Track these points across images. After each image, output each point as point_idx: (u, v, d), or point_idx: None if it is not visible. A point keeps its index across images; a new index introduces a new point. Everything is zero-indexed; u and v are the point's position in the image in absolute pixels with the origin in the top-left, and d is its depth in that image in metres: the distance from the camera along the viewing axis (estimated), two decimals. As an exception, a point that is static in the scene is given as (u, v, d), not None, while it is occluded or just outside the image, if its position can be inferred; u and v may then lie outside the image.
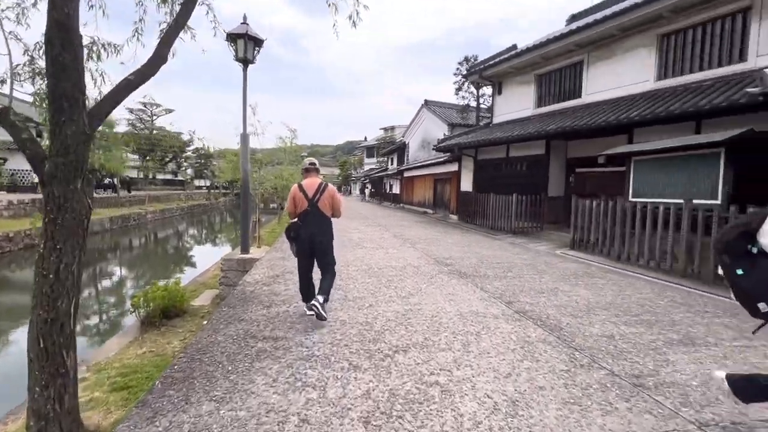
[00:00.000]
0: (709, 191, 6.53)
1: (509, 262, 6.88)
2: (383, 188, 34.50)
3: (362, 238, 9.51)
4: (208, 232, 27.17)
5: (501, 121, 14.51)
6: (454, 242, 9.25)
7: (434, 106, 22.47)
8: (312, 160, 4.11)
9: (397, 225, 13.29)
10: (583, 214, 8.49)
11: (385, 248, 8.04)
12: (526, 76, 13.45)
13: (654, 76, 9.64)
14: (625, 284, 5.39)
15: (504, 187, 13.47)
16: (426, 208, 20.47)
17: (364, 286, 4.99)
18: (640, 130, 9.19)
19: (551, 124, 10.75)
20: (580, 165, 11.71)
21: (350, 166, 66.75)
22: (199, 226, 29.74)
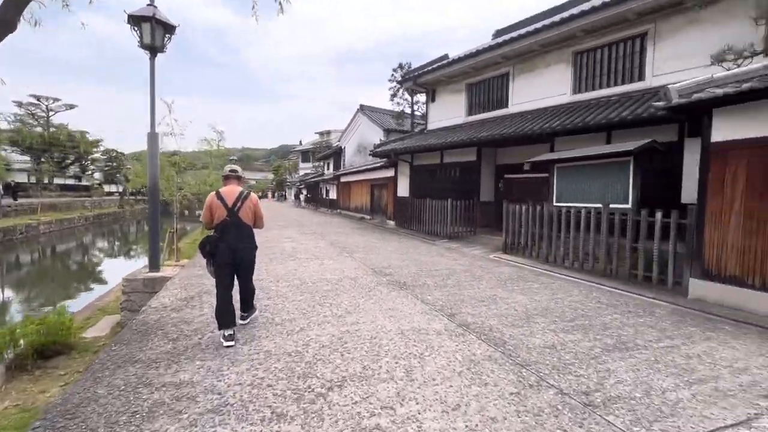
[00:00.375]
0: (622, 196, 7.10)
1: (447, 268, 6.80)
2: (320, 194, 33.61)
3: (296, 249, 8.86)
4: (119, 245, 23.95)
5: (435, 128, 14.80)
6: (393, 249, 9.03)
7: (370, 111, 22.39)
8: (233, 167, 3.85)
9: (333, 232, 12.78)
10: (514, 219, 8.81)
11: (320, 259, 7.52)
12: (458, 85, 13.88)
13: (570, 89, 10.44)
14: (556, 287, 5.55)
15: (439, 192, 13.71)
16: (363, 213, 20.21)
17: (295, 305, 4.46)
18: (560, 139, 9.86)
19: (482, 131, 11.13)
20: (509, 171, 12.31)
21: (285, 171, 64.38)
22: (109, 238, 26.16)
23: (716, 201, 4.88)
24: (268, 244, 9.44)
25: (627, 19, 9.05)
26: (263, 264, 6.88)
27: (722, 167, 4.82)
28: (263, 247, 9.07)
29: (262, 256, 7.67)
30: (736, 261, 4.67)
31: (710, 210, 4.93)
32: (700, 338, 3.59)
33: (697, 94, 4.75)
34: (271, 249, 8.71)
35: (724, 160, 4.81)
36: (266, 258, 7.49)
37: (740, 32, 7.25)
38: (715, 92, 4.55)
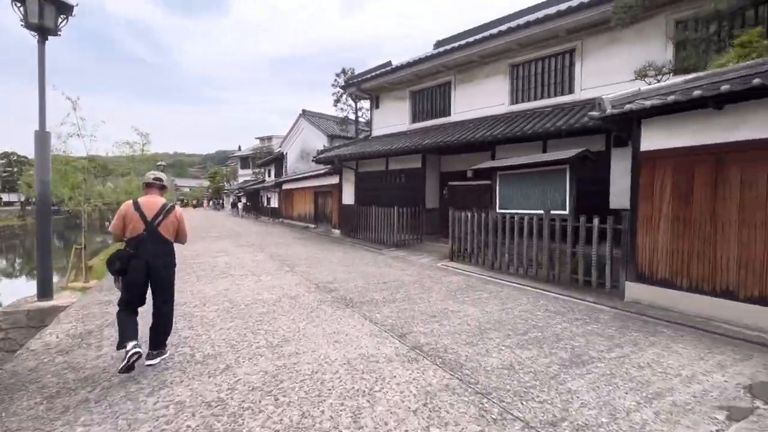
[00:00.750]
0: (560, 203, 7.35)
1: (396, 280, 6.49)
2: (260, 202, 31.90)
3: (230, 264, 8.00)
4: (12, 265, 20.46)
5: (380, 135, 14.62)
6: (338, 261, 8.54)
7: (312, 117, 21.71)
8: (157, 175, 3.47)
9: (274, 243, 11.94)
10: (460, 226, 8.80)
11: (257, 275, 6.81)
12: (402, 92, 13.85)
13: (508, 100, 10.83)
14: (504, 296, 5.48)
15: (385, 199, 13.49)
16: (307, 222, 19.39)
17: (222, 334, 3.81)
18: (501, 148, 10.13)
19: (426, 139, 11.12)
20: (452, 178, 12.45)
21: (223, 178, 60.57)
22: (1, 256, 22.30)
23: (647, 206, 5.12)
24: (198, 259, 8.44)
25: (558, 36, 9.58)
26: (188, 284, 6.02)
27: (651, 174, 5.08)
28: (192, 263, 8.11)
29: (188, 274, 6.78)
30: (666, 264, 4.92)
31: (642, 215, 5.17)
32: (645, 344, 3.62)
33: (629, 104, 4.97)
34: (200, 265, 7.76)
35: (653, 167, 5.07)
36: (193, 276, 6.61)
37: (655, 51, 7.95)
38: (643, 104, 4.77)
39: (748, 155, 4.23)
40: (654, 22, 8.10)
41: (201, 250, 10.00)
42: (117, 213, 3.18)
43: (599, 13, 8.56)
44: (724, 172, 4.41)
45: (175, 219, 3.31)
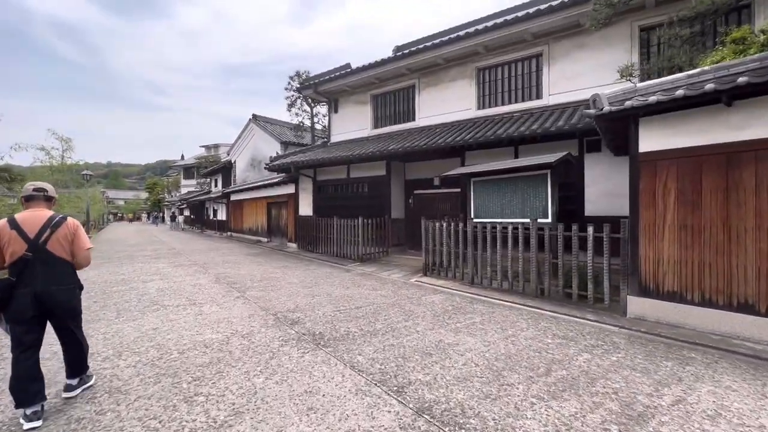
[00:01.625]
0: (541, 210, 6.86)
1: (371, 303, 5.54)
2: (206, 214, 29.33)
3: (164, 290, 6.55)
4: None
5: (339, 141, 13.67)
6: (299, 281, 7.40)
7: (264, 122, 20.24)
8: (39, 185, 2.89)
9: (221, 262, 10.43)
10: (433, 238, 8.06)
11: (199, 304, 5.50)
12: (363, 96, 13.06)
13: (475, 105, 10.42)
14: (499, 318, 4.75)
15: (347, 209, 12.50)
16: (260, 236, 17.78)
17: (139, 410, 2.61)
18: (471, 154, 9.64)
19: (391, 144, 10.37)
20: (418, 187, 11.81)
21: (163, 189, 55.73)
22: None
23: (649, 213, 4.67)
24: (123, 286, 6.86)
25: (524, 40, 9.34)
26: (103, 323, 4.61)
27: (652, 178, 4.65)
28: (113, 291, 6.54)
29: (105, 307, 5.31)
30: (673, 276, 4.46)
31: (644, 223, 4.71)
32: (689, 378, 3.01)
33: (628, 101, 4.52)
34: (124, 294, 6.25)
35: (653, 170, 4.64)
36: (112, 311, 5.16)
37: (619, 57, 7.89)
38: (646, 99, 4.33)
39: (762, 154, 3.88)
40: (619, 29, 8.07)
41: (129, 274, 8.32)
42: None
43: (564, 18, 8.41)
44: (736, 173, 4.04)
45: (68, 231, 2.76)
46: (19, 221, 2.64)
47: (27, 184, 2.85)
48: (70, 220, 2.84)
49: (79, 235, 2.86)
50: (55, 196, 2.94)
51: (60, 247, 2.72)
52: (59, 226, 2.73)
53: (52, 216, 2.74)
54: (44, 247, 2.65)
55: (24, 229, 2.62)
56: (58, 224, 2.73)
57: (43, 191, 2.83)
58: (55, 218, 2.74)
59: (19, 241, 2.59)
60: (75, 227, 2.85)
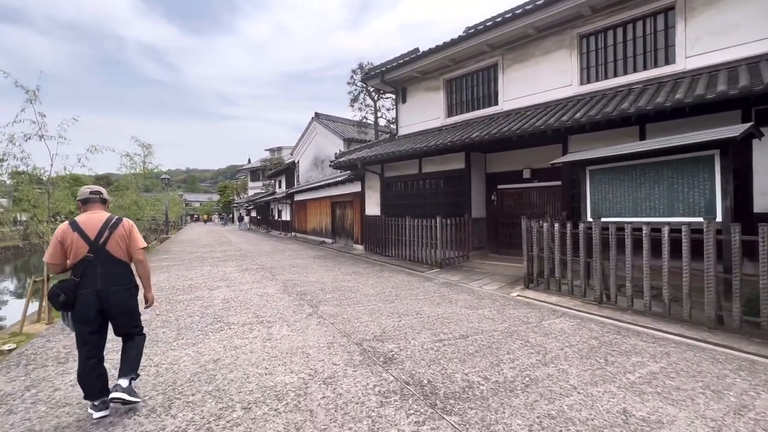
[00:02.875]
0: (703, 206, 5.02)
1: (476, 329, 4.23)
2: (271, 215, 30.02)
3: (230, 302, 5.83)
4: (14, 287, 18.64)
5: (408, 133, 12.47)
6: (376, 293, 6.30)
7: (327, 120, 19.77)
8: (95, 188, 2.92)
9: (289, 266, 9.76)
10: (538, 241, 6.51)
11: (267, 324, 4.61)
12: (435, 82, 11.73)
13: (576, 79, 8.58)
14: (686, 366, 3.18)
15: (418, 208, 11.28)
16: (324, 237, 17.26)
17: None
18: (576, 138, 7.88)
19: (472, 131, 8.91)
20: (503, 181, 10.20)
21: (233, 192, 59.25)
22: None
23: None
24: (189, 294, 6.29)
25: (650, -12, 7.38)
26: (160, 346, 3.86)
27: None
28: (179, 301, 5.82)
29: (167, 324, 4.60)
30: None
31: None
32: None
33: None
34: (189, 305, 5.60)
35: None
36: (172, 329, 4.44)
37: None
38: None
39: None
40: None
41: (196, 279, 7.87)
42: (52, 239, 2.68)
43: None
44: None
45: (124, 232, 2.81)
46: (80, 223, 2.70)
47: (83, 188, 2.92)
48: (125, 221, 2.88)
49: (134, 234, 2.88)
50: (108, 198, 3.00)
51: (118, 247, 2.76)
52: (117, 227, 2.78)
53: (109, 217, 2.80)
54: (104, 248, 2.70)
55: (85, 230, 2.68)
56: (115, 225, 2.78)
57: (98, 194, 2.91)
58: (113, 219, 2.79)
59: (81, 243, 2.65)
60: (130, 228, 2.88)
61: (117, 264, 2.75)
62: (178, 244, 17.55)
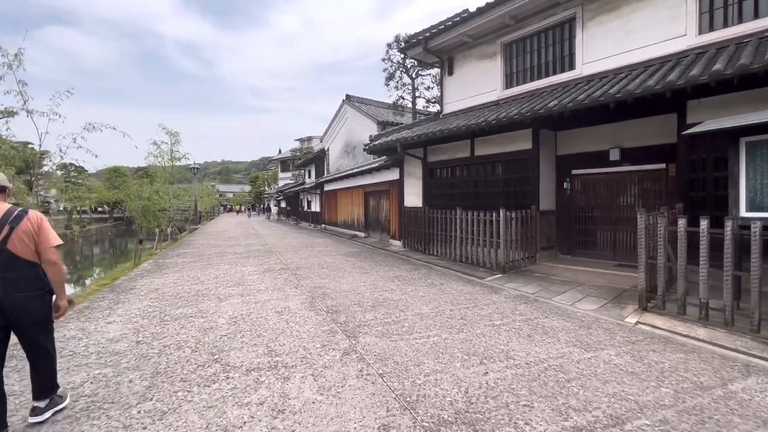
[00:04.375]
0: None
1: (620, 394, 2.53)
2: (300, 206, 29.02)
3: (239, 320, 4.38)
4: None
5: (455, 110, 10.61)
6: (433, 311, 4.66)
7: (359, 103, 18.15)
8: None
9: (317, 266, 8.29)
10: (663, 243, 4.59)
11: (285, 370, 3.09)
12: (489, 47, 9.77)
13: (694, 27, 6.43)
14: None
15: (468, 199, 9.47)
16: (356, 230, 15.79)
17: None
18: (704, 104, 5.80)
19: (549, 100, 6.97)
20: (579, 164, 8.19)
21: (263, 183, 59.26)
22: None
23: None
24: (190, 308, 4.89)
25: None
26: (106, 414, 2.39)
27: None
28: (170, 322, 4.14)
29: (143, 360, 3.09)
30: None
31: None
32: None
33: None
34: (182, 330, 4.19)
35: None
36: (145, 372, 3.00)
37: None
38: None
39: None
40: None
41: (207, 284, 6.54)
42: None
43: None
44: None
45: (31, 227, 2.34)
46: None
47: None
48: (32, 214, 2.41)
49: (44, 230, 2.41)
50: (9, 186, 2.52)
51: (23, 245, 2.32)
52: (20, 221, 2.33)
53: (9, 209, 2.35)
54: (4, 246, 2.27)
55: None
56: (18, 219, 2.33)
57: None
58: (14, 212, 2.35)
59: None
60: (39, 221, 2.40)
61: (23, 266, 2.32)
62: (203, 236, 16.68)
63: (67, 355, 3.41)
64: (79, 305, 5.23)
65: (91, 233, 38.62)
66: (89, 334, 3.95)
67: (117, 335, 3.91)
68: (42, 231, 2.38)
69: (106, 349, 3.54)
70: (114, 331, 4.05)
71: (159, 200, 13.32)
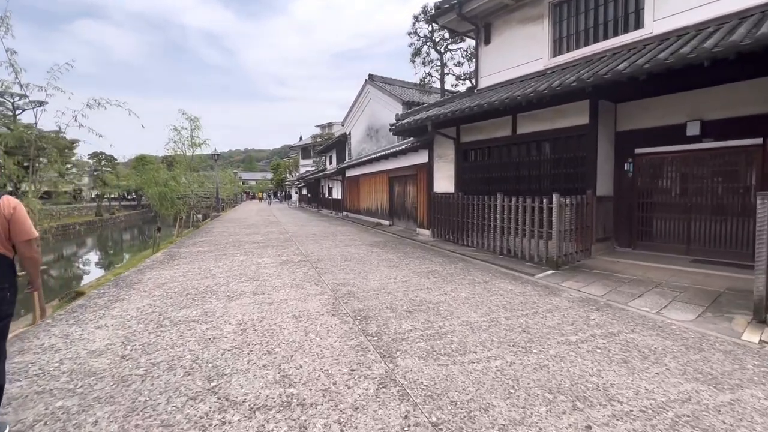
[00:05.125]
0: None
1: None
2: (321, 192, 28.43)
3: (248, 328, 3.63)
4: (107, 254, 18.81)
5: (492, 84, 9.44)
6: (484, 321, 3.76)
7: (382, 83, 17.08)
8: None
9: (340, 258, 7.51)
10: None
11: (302, 411, 2.29)
12: (534, 9, 8.51)
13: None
14: None
15: (509, 184, 8.40)
16: (379, 218, 14.94)
17: None
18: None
19: (619, 61, 5.78)
20: (644, 142, 6.97)
21: (285, 170, 59.23)
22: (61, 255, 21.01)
23: None
24: (195, 310, 4.18)
25: None
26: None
27: None
28: (168, 325, 3.36)
29: (121, 384, 2.35)
30: None
31: None
32: None
33: None
34: (181, 334, 3.47)
35: None
36: (119, 412, 2.25)
37: None
38: None
39: None
40: None
41: (220, 278, 5.86)
42: None
43: None
44: None
45: (1, 216, 2.08)
46: None
47: None
48: (5, 199, 2.12)
49: (18, 219, 2.13)
50: None
51: None
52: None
53: None
54: None
55: None
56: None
57: None
58: None
59: None
60: (12, 209, 2.11)
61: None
62: (223, 223, 16.27)
63: (34, 374, 2.73)
64: (75, 303, 4.63)
65: (120, 220, 39.59)
66: (70, 344, 3.28)
67: (102, 346, 3.22)
68: (15, 220, 2.12)
69: (82, 367, 2.84)
70: (100, 339, 3.37)
71: (177, 186, 12.85)
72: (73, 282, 11.92)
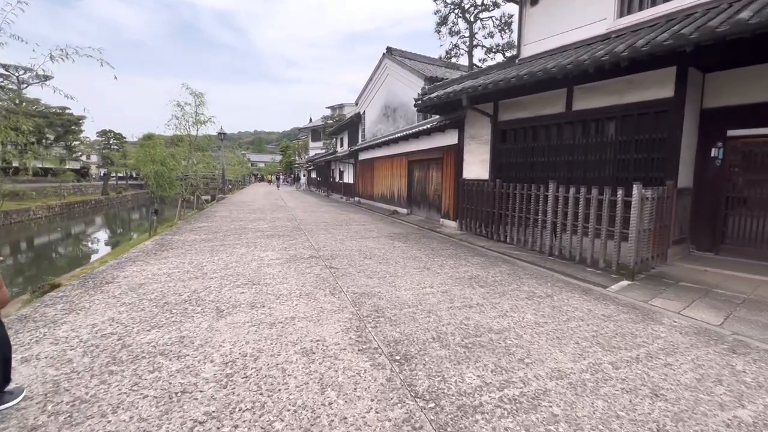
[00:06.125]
0: None
1: None
2: (331, 176, 27.20)
3: (237, 370, 2.51)
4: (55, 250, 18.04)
5: (539, 52, 8.00)
6: (573, 362, 2.59)
7: (401, 57, 15.56)
8: None
9: (358, 253, 6.34)
10: None
11: None
12: (599, -43, 7.00)
13: None
14: None
15: (558, 170, 7.06)
16: (396, 205, 13.71)
17: None
18: None
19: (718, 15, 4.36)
20: (739, 121, 5.58)
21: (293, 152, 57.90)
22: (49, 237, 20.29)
23: None
24: (169, 328, 3.05)
25: None
26: None
27: None
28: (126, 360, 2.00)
29: None
30: None
31: None
32: None
33: None
34: (144, 372, 2.33)
35: None
36: None
37: None
38: None
39: None
40: None
41: (212, 280, 4.74)
42: None
43: None
44: None
45: None
46: None
47: None
48: None
49: None
50: None
51: None
52: None
53: None
54: None
55: None
56: None
57: None
58: None
59: None
60: None
61: None
62: (228, 207, 15.19)
63: None
64: (21, 311, 3.55)
65: (127, 199, 38.97)
66: (-32, 394, 2.17)
67: (3, 406, 2.10)
68: None
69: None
70: (12, 386, 2.26)
71: (176, 165, 11.75)
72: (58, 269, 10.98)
